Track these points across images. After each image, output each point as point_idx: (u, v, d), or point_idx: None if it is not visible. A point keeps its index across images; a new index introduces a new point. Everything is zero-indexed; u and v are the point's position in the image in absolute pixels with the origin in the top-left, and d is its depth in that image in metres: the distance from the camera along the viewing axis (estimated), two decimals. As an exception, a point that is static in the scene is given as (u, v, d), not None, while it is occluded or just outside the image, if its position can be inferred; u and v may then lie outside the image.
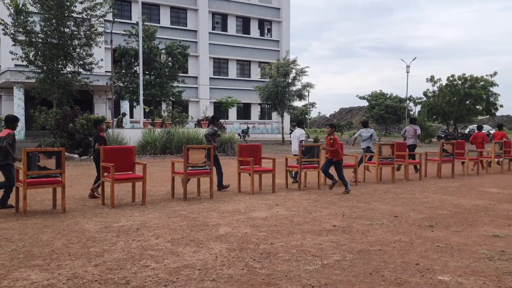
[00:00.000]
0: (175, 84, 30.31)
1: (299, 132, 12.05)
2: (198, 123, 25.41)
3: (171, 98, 30.41)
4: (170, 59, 29.84)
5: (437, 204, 8.54)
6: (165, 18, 41.37)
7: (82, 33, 22.47)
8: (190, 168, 8.74)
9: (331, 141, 10.18)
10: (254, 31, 46.26)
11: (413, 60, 50.86)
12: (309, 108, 62.62)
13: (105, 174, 8.25)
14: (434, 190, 10.47)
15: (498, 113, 47.36)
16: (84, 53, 22.75)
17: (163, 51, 29.73)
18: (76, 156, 18.01)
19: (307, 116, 66.87)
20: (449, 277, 4.39)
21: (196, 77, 42.61)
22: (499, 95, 41.79)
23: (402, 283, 4.23)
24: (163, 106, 31.52)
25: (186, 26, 42.54)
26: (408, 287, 4.11)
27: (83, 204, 8.25)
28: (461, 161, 14.70)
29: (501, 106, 42.59)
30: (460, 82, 40.99)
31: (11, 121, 7.94)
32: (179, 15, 42.53)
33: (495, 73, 41.12)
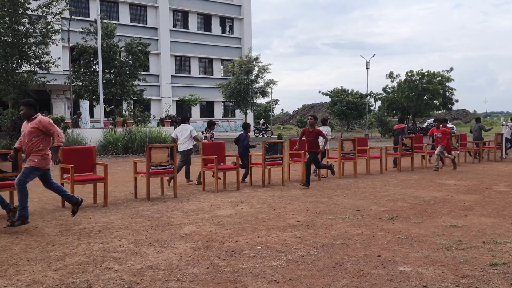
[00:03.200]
0: (136, 82, 29.77)
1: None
2: (161, 122, 25.06)
3: (132, 96, 29.86)
4: (130, 57, 29.27)
5: (397, 197, 8.76)
6: (124, 16, 40.56)
7: (37, 31, 21.73)
8: (153, 167, 8.62)
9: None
10: (216, 28, 46.04)
11: (373, 56, 52.08)
12: (272, 105, 62.99)
13: (64, 175, 8.03)
14: (394, 184, 10.74)
15: (454, 108, 48.97)
16: (40, 51, 22.01)
17: (123, 49, 29.13)
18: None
19: (270, 113, 67.21)
20: (409, 267, 4.51)
21: (158, 75, 42.02)
22: (455, 89, 43.20)
23: (365, 275, 4.32)
24: (124, 105, 30.91)
25: (147, 24, 41.85)
26: (371, 279, 4.21)
27: (42, 207, 8.01)
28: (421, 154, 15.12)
29: (457, 100, 44.07)
30: (418, 78, 42.12)
31: None
32: (139, 12, 41.78)
33: (451, 69, 42.46)
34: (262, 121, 42.73)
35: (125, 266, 4.63)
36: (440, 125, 14.39)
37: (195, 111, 43.54)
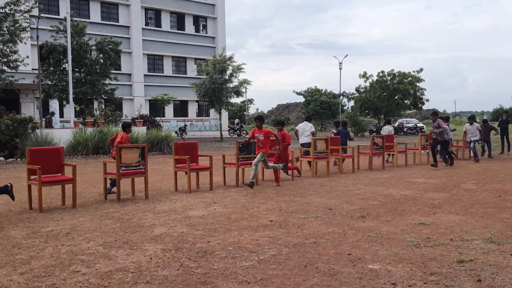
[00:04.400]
0: (107, 81, 29.32)
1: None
2: (133, 122, 24.73)
3: (103, 96, 29.39)
4: (101, 55, 28.81)
5: (368, 195, 8.87)
6: (95, 14, 39.87)
7: (5, 29, 21.15)
8: (123, 168, 8.48)
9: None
10: (189, 27, 45.73)
11: (345, 57, 52.72)
12: (247, 104, 63.01)
13: (32, 177, 7.82)
14: (366, 182, 10.87)
15: (424, 107, 49.99)
16: (8, 50, 21.44)
17: (93, 47, 28.65)
18: (2, 158, 16.96)
19: (245, 112, 67.23)
20: (379, 265, 4.56)
21: (130, 74, 41.48)
22: (425, 90, 44.13)
23: (335, 273, 4.34)
24: (95, 104, 30.41)
25: (118, 22, 41.25)
26: (341, 277, 4.23)
27: (8, 209, 7.78)
28: (391, 153, 15.36)
29: (427, 100, 45.05)
30: (389, 78, 42.84)
31: None
32: (110, 10, 41.14)
33: (421, 69, 43.40)
34: (236, 120, 42.70)
35: (93, 269, 4.53)
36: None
37: (169, 110, 43.17)
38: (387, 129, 17.00)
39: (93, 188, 10.15)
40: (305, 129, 13.64)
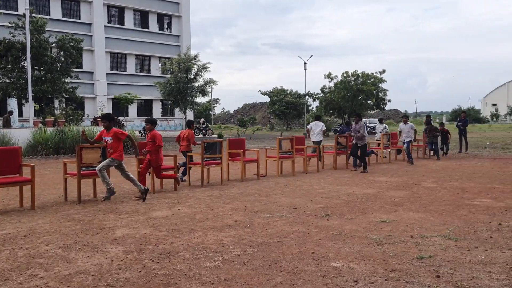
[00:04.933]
0: (68, 80, 28.61)
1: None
2: (95, 121, 24.20)
3: (64, 94, 28.66)
4: (62, 53, 28.08)
5: (332, 194, 8.98)
6: (56, 10, 38.79)
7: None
8: (84, 168, 8.27)
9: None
10: (153, 25, 45.13)
11: (310, 57, 53.07)
12: (213, 104, 62.74)
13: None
14: (330, 181, 11.01)
15: (386, 107, 51.12)
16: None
17: (54, 44, 27.88)
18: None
19: (211, 112, 66.90)
20: (341, 263, 4.62)
21: (92, 73, 40.58)
22: (387, 90, 45.12)
23: (299, 272, 4.37)
24: (56, 103, 29.59)
25: (80, 19, 40.29)
26: (304, 276, 4.26)
27: (-39, 212, 7.46)
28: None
29: (389, 101, 46.09)
30: (353, 79, 43.58)
31: None
32: (71, 7, 40.12)
33: (384, 71, 44.31)
34: (202, 120, 42.42)
35: (51, 273, 4.39)
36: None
37: (132, 110, 42.50)
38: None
39: (53, 189, 9.86)
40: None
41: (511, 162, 15.21)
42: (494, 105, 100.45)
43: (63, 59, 28.01)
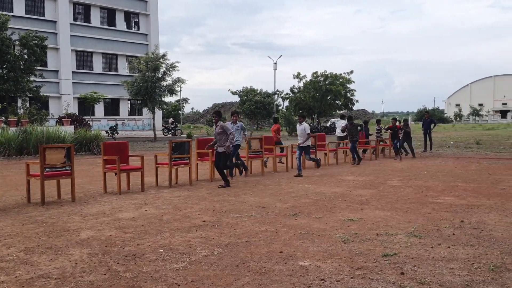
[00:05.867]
0: (32, 78, 27.82)
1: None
2: (60, 121, 23.61)
3: (27, 93, 27.87)
4: (25, 51, 27.29)
5: (301, 193, 9.04)
6: (19, 7, 37.68)
7: None
8: (47, 169, 8.05)
9: None
10: (121, 23, 44.39)
11: (279, 57, 53.48)
12: (182, 103, 62.24)
13: None
14: (299, 180, 11.07)
15: (354, 108, 51.85)
16: None
17: (17, 42, 27.06)
18: None
19: (180, 111, 66.35)
20: (309, 262, 4.65)
21: (57, 71, 39.61)
22: (355, 91, 45.75)
23: (266, 271, 4.37)
24: (19, 102, 28.76)
25: (44, 16, 39.26)
26: (272, 275, 4.26)
27: None
28: (323, 152, 15.78)
29: (357, 101, 46.67)
30: (322, 79, 43.99)
31: None
32: (35, 4, 39.04)
33: (352, 71, 44.89)
34: (171, 120, 42.02)
35: (12, 277, 4.25)
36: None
37: (99, 109, 41.71)
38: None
39: (16, 191, 9.56)
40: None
41: (473, 161, 15.68)
42: (457, 105, 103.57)
43: (26, 57, 27.25)
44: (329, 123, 49.90)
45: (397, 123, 18.01)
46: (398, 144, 17.21)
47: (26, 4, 38.38)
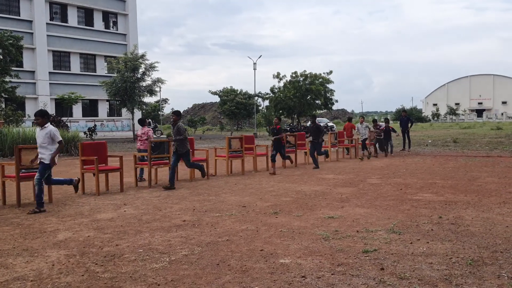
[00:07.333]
0: (7, 79, 27.23)
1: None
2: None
3: (3, 94, 27.25)
4: (0, 51, 26.69)
5: (281, 192, 9.04)
6: (-8, 6, 36.84)
7: None
8: (23, 170, 7.88)
9: None
10: (98, 23, 43.76)
11: (259, 58, 53.45)
12: (162, 104, 61.68)
13: None
14: (279, 179, 11.08)
15: (334, 107, 52.20)
16: None
17: (-9, 42, 26.45)
18: None
19: (160, 112, 65.76)
20: (289, 259, 4.64)
21: (33, 72, 38.83)
22: (334, 91, 46.05)
23: (247, 270, 4.35)
24: (-6, 103, 28.12)
25: (19, 16, 38.43)
26: (253, 273, 4.24)
27: None
28: (304, 151, 15.84)
29: (337, 101, 46.99)
30: (301, 79, 44.16)
31: None
32: (10, 3, 38.20)
33: (331, 72, 45.18)
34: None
35: (-14, 281, 4.14)
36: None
37: (77, 110, 41.05)
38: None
39: (-10, 193, 9.32)
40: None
41: (450, 158, 15.93)
42: (435, 105, 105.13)
43: (1, 57, 26.66)
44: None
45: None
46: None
47: (0, 3, 37.57)
